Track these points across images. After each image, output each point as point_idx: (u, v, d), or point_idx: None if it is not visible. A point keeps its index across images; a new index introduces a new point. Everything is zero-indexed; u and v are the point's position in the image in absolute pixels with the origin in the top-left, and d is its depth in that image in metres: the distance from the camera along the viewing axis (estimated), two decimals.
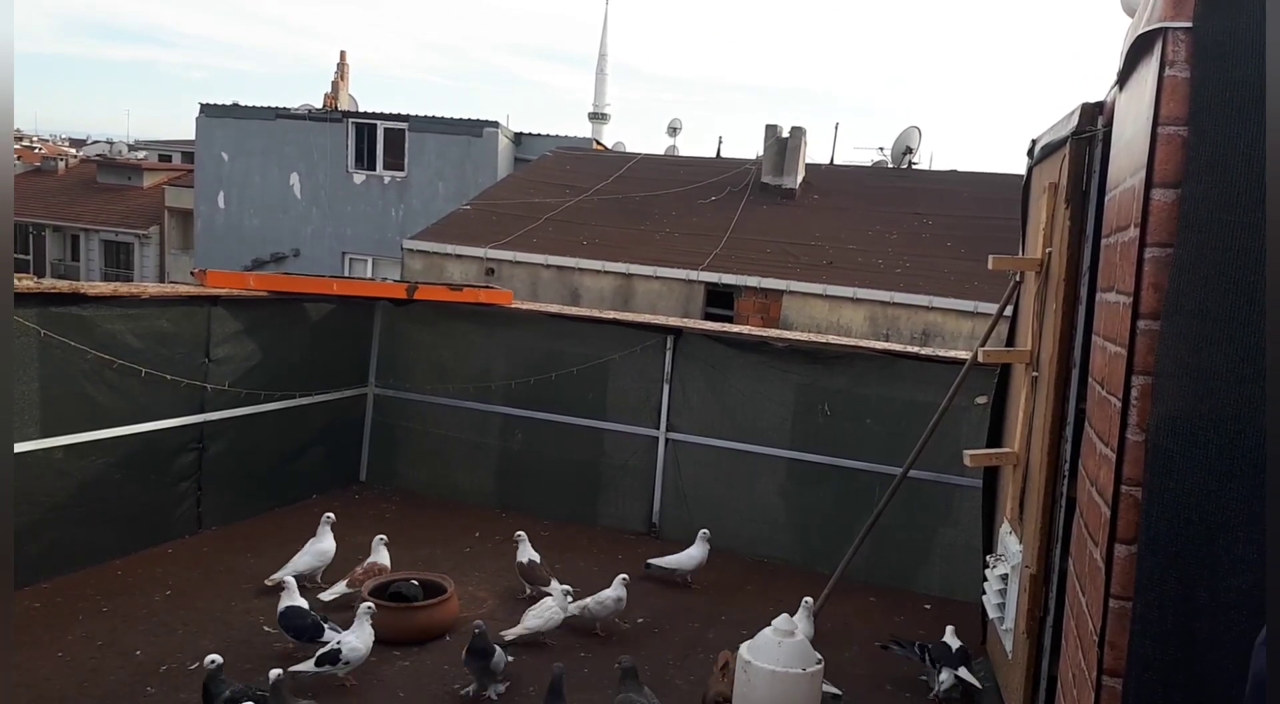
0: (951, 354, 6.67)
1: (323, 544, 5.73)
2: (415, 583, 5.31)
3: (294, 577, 5.12)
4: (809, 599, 5.13)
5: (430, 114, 21.53)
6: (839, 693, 4.55)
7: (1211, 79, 1.75)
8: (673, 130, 25.30)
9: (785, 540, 6.84)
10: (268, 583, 5.51)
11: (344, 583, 5.40)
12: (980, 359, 5.10)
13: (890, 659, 5.35)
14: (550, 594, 5.30)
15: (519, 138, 21.98)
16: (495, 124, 21.11)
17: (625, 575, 5.35)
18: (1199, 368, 1.75)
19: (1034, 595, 3.84)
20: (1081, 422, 2.89)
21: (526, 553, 5.73)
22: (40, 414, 5.25)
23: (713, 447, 7.02)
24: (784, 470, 6.85)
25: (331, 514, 5.88)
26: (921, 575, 6.46)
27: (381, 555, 5.60)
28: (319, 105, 23.89)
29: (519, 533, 5.84)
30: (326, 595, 5.34)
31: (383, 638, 5.01)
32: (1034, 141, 4.69)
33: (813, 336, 7.83)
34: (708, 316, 13.24)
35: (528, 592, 5.70)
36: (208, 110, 22.88)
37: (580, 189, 17.22)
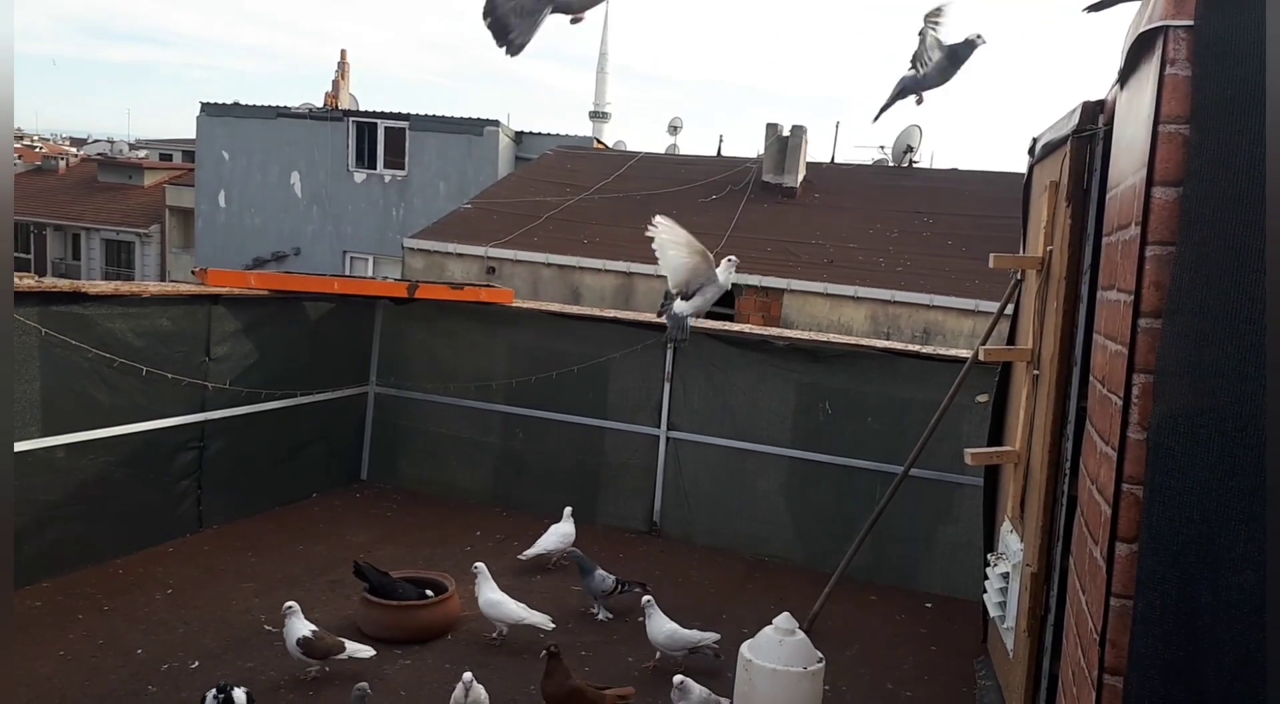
0: (952, 352, 6.66)
1: (566, 527, 6.27)
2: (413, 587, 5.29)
3: (543, 553, 6.13)
4: (649, 599, 4.98)
5: (431, 113, 21.53)
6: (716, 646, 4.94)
7: (1213, 77, 1.75)
8: (673, 129, 25.25)
9: (786, 539, 6.84)
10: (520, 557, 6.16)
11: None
12: (981, 357, 5.10)
13: (890, 659, 5.36)
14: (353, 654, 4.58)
15: (520, 136, 21.97)
16: (496, 123, 21.10)
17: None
18: (1200, 366, 1.75)
19: (1035, 594, 3.84)
20: (1082, 420, 2.89)
21: (301, 627, 4.50)
22: (41, 413, 5.25)
23: (713, 445, 7.02)
24: (785, 469, 6.85)
25: (570, 507, 6.38)
26: (923, 574, 6.46)
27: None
28: (320, 104, 23.89)
29: (288, 604, 4.57)
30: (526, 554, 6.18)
31: (383, 637, 5.02)
32: (1035, 140, 4.69)
33: (813, 335, 7.83)
34: (708, 315, 13.21)
35: (313, 671, 4.58)
36: (208, 109, 22.88)
37: (581, 188, 17.21)
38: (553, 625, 5.11)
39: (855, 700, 4.84)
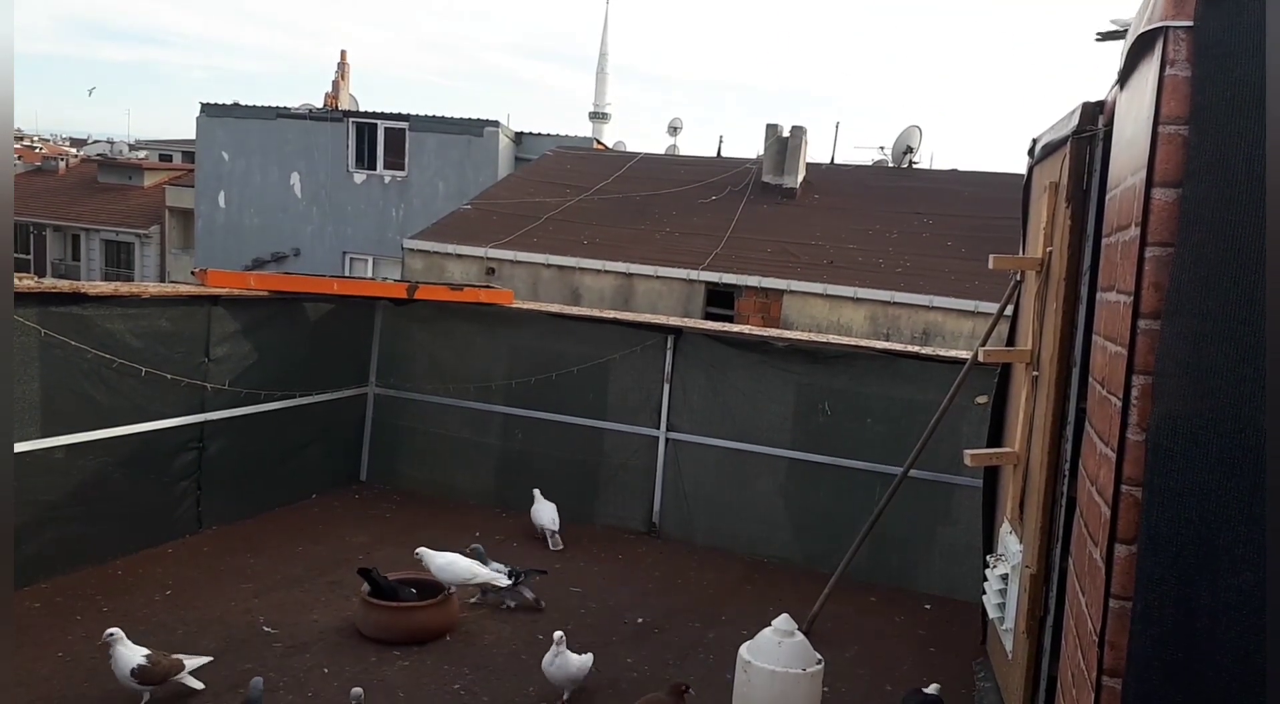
0: (952, 354, 6.67)
1: (548, 502, 6.86)
2: (413, 591, 5.28)
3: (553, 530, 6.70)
4: (560, 632, 4.56)
5: (431, 113, 21.53)
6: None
7: (1212, 78, 1.75)
8: (673, 130, 25.27)
9: (786, 540, 6.84)
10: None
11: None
12: (981, 359, 5.10)
13: (890, 659, 5.36)
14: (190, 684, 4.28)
15: (519, 137, 21.97)
16: (496, 123, 21.10)
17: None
18: (1199, 367, 1.74)
19: (1034, 595, 3.84)
20: (1082, 421, 2.89)
21: (133, 655, 4.15)
22: (40, 414, 5.25)
23: (713, 446, 7.01)
24: (784, 470, 6.84)
25: (538, 489, 6.89)
26: (922, 575, 6.46)
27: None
28: (319, 105, 23.89)
29: (110, 630, 4.19)
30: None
31: (382, 638, 5.02)
32: (1035, 141, 4.69)
33: (813, 336, 7.83)
34: (708, 316, 13.23)
35: (145, 699, 4.21)
36: (208, 110, 22.87)
37: (581, 188, 17.21)
38: (508, 582, 5.42)
39: (854, 702, 4.84)
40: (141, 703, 4.19)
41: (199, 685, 4.33)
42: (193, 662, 4.34)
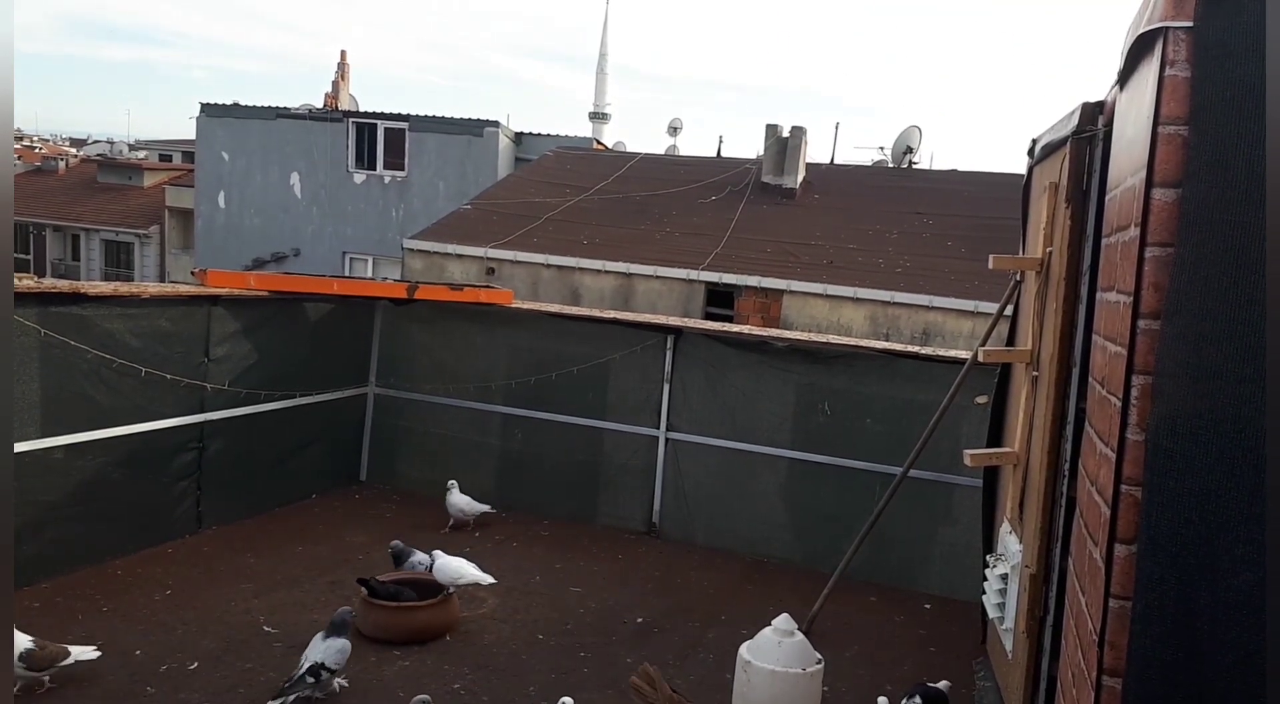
0: (952, 354, 6.67)
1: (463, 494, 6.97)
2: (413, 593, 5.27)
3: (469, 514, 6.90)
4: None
5: (431, 114, 21.53)
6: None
7: (1212, 78, 1.75)
8: (673, 130, 25.27)
9: (785, 540, 6.84)
10: None
11: None
12: (980, 359, 5.10)
13: (890, 659, 5.36)
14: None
15: (519, 137, 21.97)
16: (496, 123, 21.11)
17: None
18: (1199, 367, 1.74)
19: (1034, 595, 3.84)
20: (1081, 421, 2.89)
21: (19, 643, 4.12)
22: (40, 414, 5.25)
23: (713, 446, 7.02)
24: (784, 470, 6.85)
25: (454, 481, 6.92)
26: (922, 575, 6.47)
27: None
28: (319, 105, 23.89)
29: None
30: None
31: (383, 638, 5.02)
32: (1034, 141, 4.69)
33: (813, 336, 7.83)
34: (708, 316, 13.23)
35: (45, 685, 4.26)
36: (208, 110, 22.87)
37: (581, 188, 17.21)
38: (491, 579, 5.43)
39: (854, 701, 4.84)
40: (39, 691, 4.22)
41: (94, 655, 4.36)
42: (78, 651, 4.33)
